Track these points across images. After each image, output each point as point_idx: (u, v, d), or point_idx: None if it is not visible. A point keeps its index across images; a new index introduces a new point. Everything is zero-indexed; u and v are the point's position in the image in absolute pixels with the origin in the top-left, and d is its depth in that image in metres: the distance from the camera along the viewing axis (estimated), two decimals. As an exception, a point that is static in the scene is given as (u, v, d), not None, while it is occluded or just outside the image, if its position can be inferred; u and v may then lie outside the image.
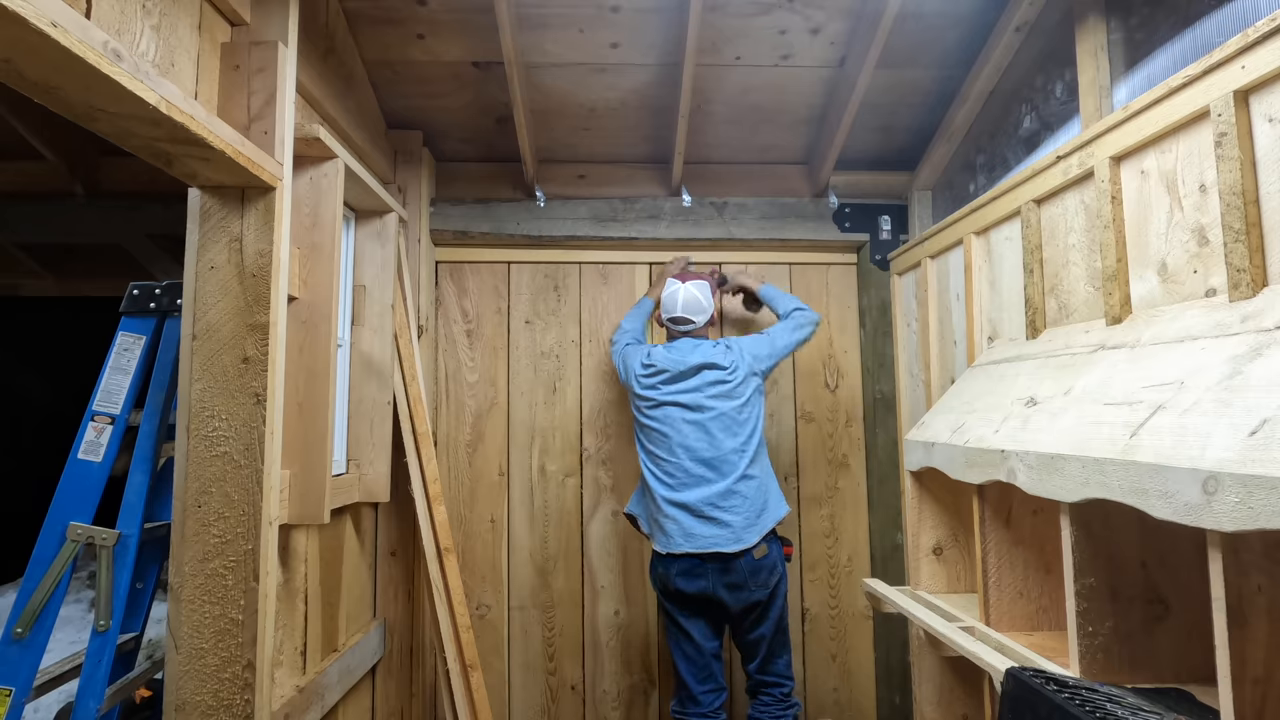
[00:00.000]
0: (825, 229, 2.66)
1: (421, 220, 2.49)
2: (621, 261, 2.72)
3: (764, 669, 2.16)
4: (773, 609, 2.14)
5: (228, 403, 1.38)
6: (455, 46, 2.13)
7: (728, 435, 2.15)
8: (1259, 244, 1.14)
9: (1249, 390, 0.97)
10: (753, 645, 2.16)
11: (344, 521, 2.07)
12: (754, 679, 2.18)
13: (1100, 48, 1.64)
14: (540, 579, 2.64)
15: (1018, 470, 1.37)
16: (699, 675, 2.13)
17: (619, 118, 2.44)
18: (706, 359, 2.20)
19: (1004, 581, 1.62)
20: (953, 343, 2.19)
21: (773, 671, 2.16)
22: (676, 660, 2.17)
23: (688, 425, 2.16)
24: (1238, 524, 0.88)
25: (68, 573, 1.49)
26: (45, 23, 0.88)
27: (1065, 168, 1.60)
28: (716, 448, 2.14)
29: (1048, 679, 1.21)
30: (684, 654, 2.15)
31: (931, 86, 2.30)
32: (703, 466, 2.13)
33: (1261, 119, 1.14)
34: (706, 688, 2.13)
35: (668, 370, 2.21)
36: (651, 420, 2.21)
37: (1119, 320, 1.44)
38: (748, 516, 2.10)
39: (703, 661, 2.14)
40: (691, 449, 2.14)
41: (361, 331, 2.10)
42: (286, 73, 1.44)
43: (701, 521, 2.09)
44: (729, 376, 2.19)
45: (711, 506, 2.10)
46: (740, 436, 2.16)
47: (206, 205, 1.41)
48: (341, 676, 1.94)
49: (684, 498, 2.12)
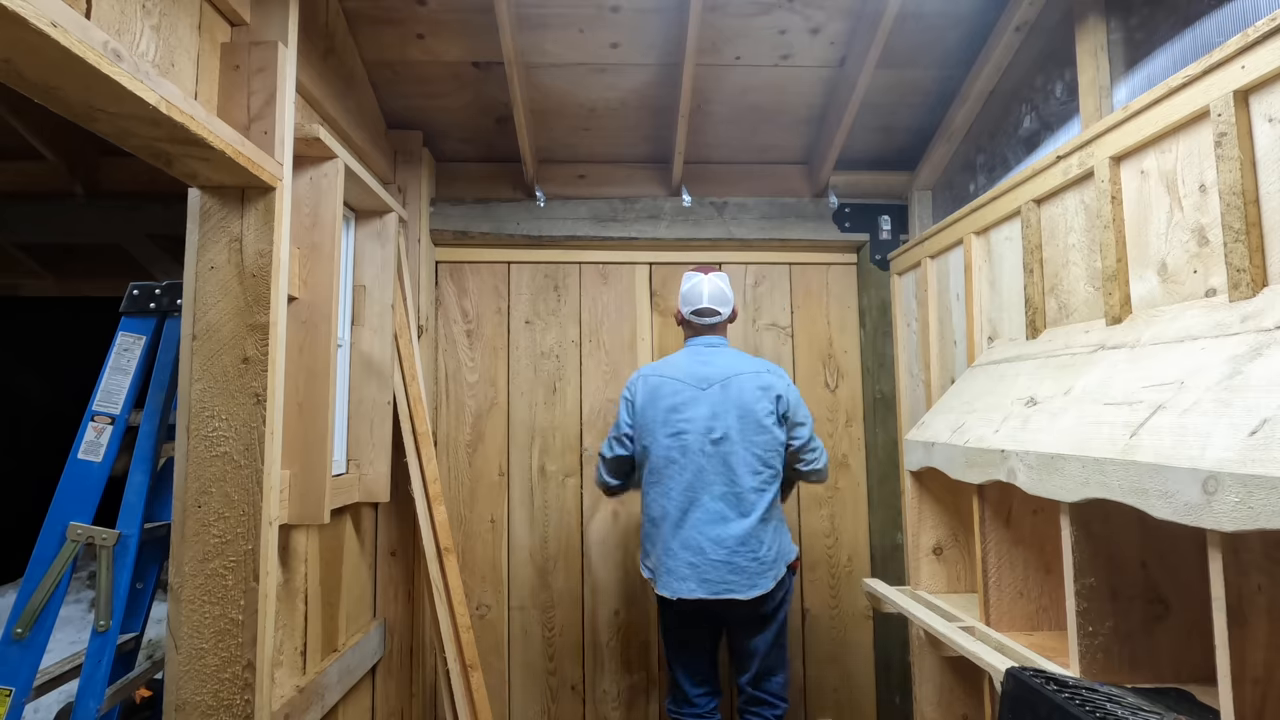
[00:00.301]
0: (825, 229, 2.66)
1: (421, 220, 2.49)
2: (621, 261, 2.72)
3: (758, 684, 2.08)
4: (774, 621, 2.07)
5: (228, 403, 1.38)
6: (455, 46, 2.13)
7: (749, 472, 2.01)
8: (1259, 244, 1.14)
9: (1249, 390, 0.97)
10: (748, 655, 2.08)
11: (344, 521, 2.07)
12: (746, 694, 2.09)
13: (1100, 47, 1.64)
14: (540, 579, 2.64)
15: (1018, 470, 1.37)
16: (695, 678, 2.11)
17: (619, 118, 2.44)
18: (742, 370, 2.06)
19: (1004, 581, 1.62)
20: (953, 343, 2.19)
21: (766, 689, 2.08)
22: (672, 662, 2.14)
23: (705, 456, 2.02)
24: (1238, 524, 0.88)
25: (68, 573, 1.49)
26: (45, 23, 0.88)
27: (1065, 168, 1.60)
28: (736, 483, 2.00)
29: (1048, 679, 1.21)
30: (680, 657, 2.12)
31: (931, 86, 2.30)
32: (719, 503, 2.00)
33: (1261, 119, 1.14)
34: (701, 690, 2.11)
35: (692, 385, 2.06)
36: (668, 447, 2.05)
37: (1119, 320, 1.44)
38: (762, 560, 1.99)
39: (698, 664, 2.11)
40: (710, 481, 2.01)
41: (361, 331, 2.10)
42: (286, 73, 1.44)
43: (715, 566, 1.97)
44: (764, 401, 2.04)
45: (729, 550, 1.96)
46: (764, 474, 2.03)
47: (206, 205, 1.41)
48: (341, 676, 1.94)
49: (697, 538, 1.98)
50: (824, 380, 2.75)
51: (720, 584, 1.96)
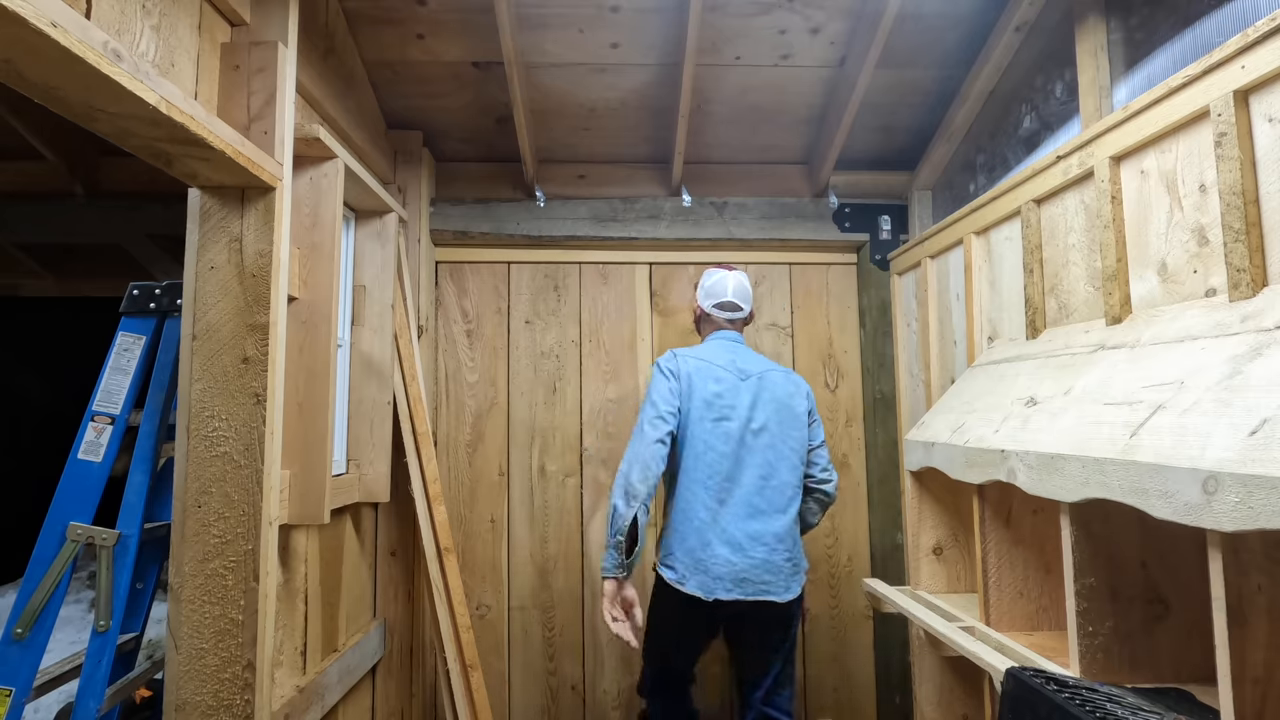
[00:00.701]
0: (825, 229, 2.66)
1: (421, 220, 2.49)
2: (621, 261, 2.72)
3: (770, 700, 1.98)
4: (794, 630, 2.00)
5: (228, 403, 1.38)
6: (455, 46, 2.13)
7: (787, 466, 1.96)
8: (1259, 244, 1.14)
9: (1249, 390, 0.97)
10: (762, 666, 1.97)
11: (344, 521, 2.07)
12: (756, 709, 1.98)
13: (1100, 48, 1.64)
14: (540, 579, 2.64)
15: (1018, 470, 1.37)
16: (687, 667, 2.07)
17: (619, 118, 2.44)
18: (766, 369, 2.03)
19: (1004, 581, 1.62)
20: (953, 343, 2.19)
21: (778, 706, 1.99)
22: (666, 649, 2.04)
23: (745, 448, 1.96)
24: (1238, 524, 0.88)
25: (68, 573, 1.49)
26: (45, 23, 0.88)
27: (1065, 168, 1.60)
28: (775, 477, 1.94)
29: (1048, 679, 1.21)
30: (681, 646, 2.03)
31: (931, 86, 2.30)
32: (758, 497, 1.94)
33: (1261, 119, 1.14)
34: (686, 679, 2.09)
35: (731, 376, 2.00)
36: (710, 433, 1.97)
37: (1119, 320, 1.44)
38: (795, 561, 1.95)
39: (693, 655, 2.07)
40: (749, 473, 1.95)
41: (361, 331, 2.10)
42: (286, 73, 1.44)
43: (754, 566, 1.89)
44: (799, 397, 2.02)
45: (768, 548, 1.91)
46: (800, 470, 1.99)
47: (206, 205, 1.41)
48: (341, 676, 1.94)
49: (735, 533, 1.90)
50: (824, 380, 2.75)
51: (758, 585, 1.87)
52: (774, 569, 1.89)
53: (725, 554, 1.88)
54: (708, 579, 1.87)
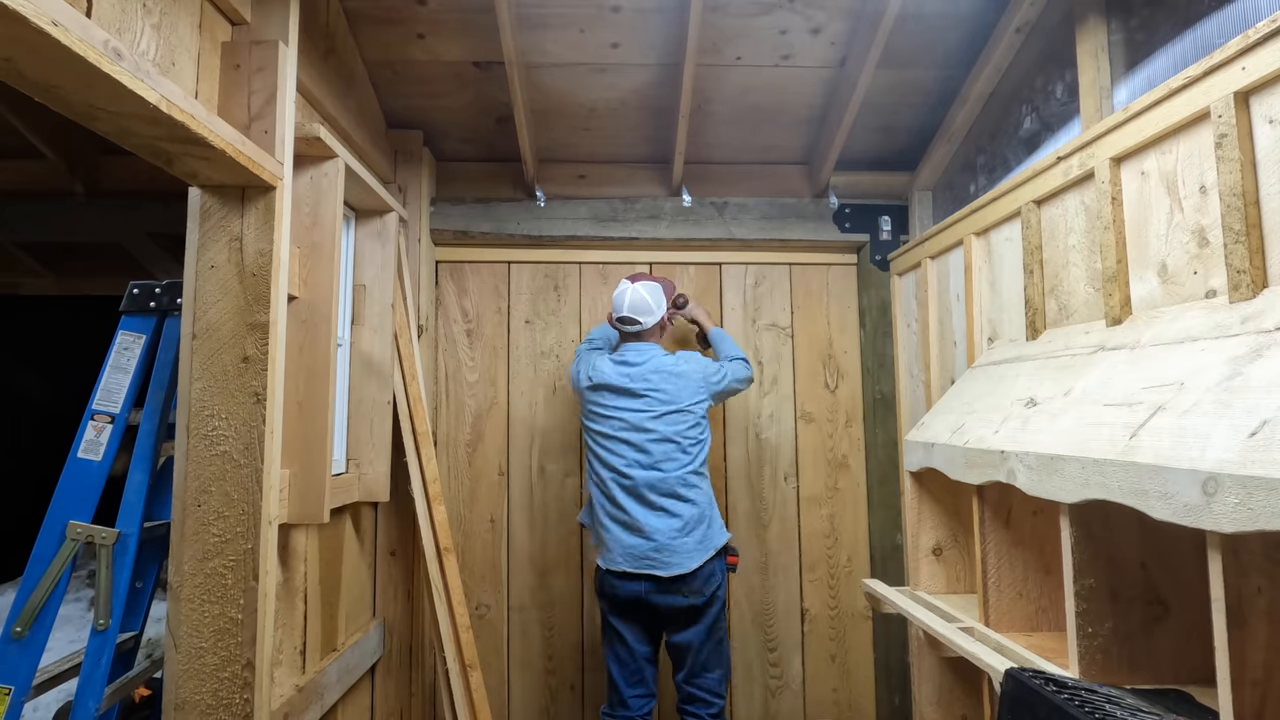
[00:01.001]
0: (825, 229, 2.66)
1: (421, 220, 2.49)
2: (621, 261, 2.72)
3: (691, 680, 2.09)
4: (706, 615, 2.09)
5: (227, 402, 1.38)
6: (455, 46, 2.13)
7: (669, 460, 2.11)
8: (1259, 245, 1.14)
9: (1249, 391, 0.97)
10: (681, 650, 2.10)
11: (344, 521, 2.07)
12: (682, 691, 2.11)
13: (1100, 49, 1.64)
14: (540, 579, 2.64)
15: (1017, 471, 1.37)
16: (630, 679, 2.13)
17: (619, 118, 2.44)
18: (659, 368, 2.16)
19: (1003, 582, 1.62)
20: (953, 343, 2.19)
21: (701, 686, 2.09)
22: (609, 662, 2.16)
23: (628, 446, 2.12)
24: (1237, 525, 0.88)
25: (67, 572, 1.49)
26: (46, 21, 0.88)
27: (1065, 168, 1.60)
28: (659, 470, 2.10)
29: (1047, 680, 1.21)
30: (616, 656, 2.14)
31: (932, 87, 2.30)
32: (645, 488, 2.09)
33: (1262, 120, 1.14)
34: (636, 691, 2.12)
35: (614, 386, 2.17)
36: (597, 435, 2.18)
37: (1119, 321, 1.44)
38: (687, 542, 2.06)
39: (634, 665, 2.13)
40: (632, 469, 2.10)
41: (361, 331, 2.10)
42: (287, 72, 1.44)
43: (640, 540, 2.06)
44: (678, 395, 2.15)
45: (652, 529, 2.06)
46: (681, 460, 2.12)
47: (207, 204, 1.41)
48: (341, 676, 1.94)
49: (625, 516, 2.09)
50: (824, 380, 2.75)
51: (643, 560, 2.07)
52: (660, 547, 2.07)
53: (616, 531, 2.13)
54: (606, 551, 2.15)
